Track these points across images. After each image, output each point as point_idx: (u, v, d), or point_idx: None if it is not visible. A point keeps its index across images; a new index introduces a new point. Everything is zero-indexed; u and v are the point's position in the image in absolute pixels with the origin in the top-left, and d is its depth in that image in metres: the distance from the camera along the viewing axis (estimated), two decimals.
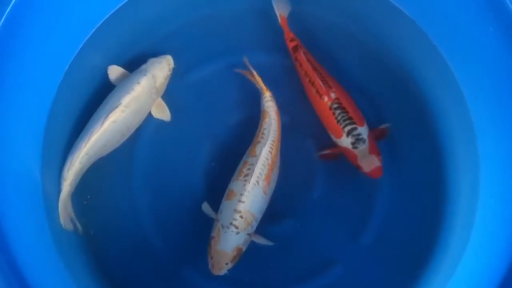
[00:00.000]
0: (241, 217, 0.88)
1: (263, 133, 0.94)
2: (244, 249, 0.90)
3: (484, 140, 0.91)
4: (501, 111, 0.89)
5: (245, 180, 0.90)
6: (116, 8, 0.98)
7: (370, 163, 0.94)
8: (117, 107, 0.91)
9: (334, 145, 0.99)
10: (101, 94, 0.97)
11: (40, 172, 0.91)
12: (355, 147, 0.94)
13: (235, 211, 0.88)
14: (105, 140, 0.92)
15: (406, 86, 1.00)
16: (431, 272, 0.94)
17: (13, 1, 0.84)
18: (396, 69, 1.01)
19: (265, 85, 0.98)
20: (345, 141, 0.95)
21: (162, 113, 1.00)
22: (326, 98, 0.96)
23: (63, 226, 0.91)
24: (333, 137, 0.97)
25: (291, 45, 1.00)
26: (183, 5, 1.03)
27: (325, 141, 1.00)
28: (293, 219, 1.01)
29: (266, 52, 1.05)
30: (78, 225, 0.94)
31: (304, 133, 1.03)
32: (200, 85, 1.05)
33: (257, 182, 0.90)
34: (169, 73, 0.99)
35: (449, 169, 0.97)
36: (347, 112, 0.94)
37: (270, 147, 0.93)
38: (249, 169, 0.91)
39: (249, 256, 0.93)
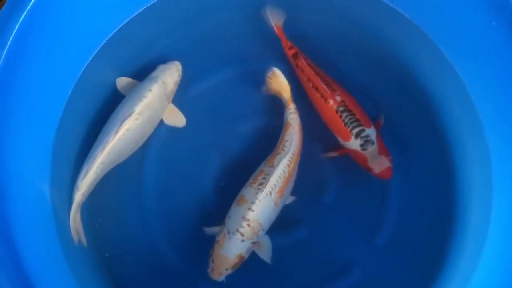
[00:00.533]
0: (249, 225, 0.88)
1: (284, 145, 0.93)
2: (246, 257, 0.90)
3: (493, 134, 0.91)
4: (508, 104, 0.88)
5: (258, 189, 0.89)
6: (122, 25, 0.98)
7: (380, 164, 0.93)
8: (130, 115, 0.91)
9: (340, 147, 0.98)
10: (110, 106, 0.97)
11: (49, 186, 0.91)
12: (364, 149, 0.93)
13: (244, 218, 0.88)
14: (119, 148, 0.91)
15: (410, 86, 0.99)
16: (449, 271, 0.93)
17: (25, 12, 0.84)
18: (399, 70, 0.99)
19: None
20: (354, 144, 0.94)
21: (176, 118, 1.00)
22: (331, 102, 0.95)
23: (74, 239, 0.91)
24: (340, 140, 0.96)
25: (290, 53, 0.99)
26: (186, 16, 1.03)
27: (332, 144, 0.99)
28: (307, 225, 1.00)
29: (271, 60, 1.03)
30: (84, 239, 0.93)
31: (311, 138, 1.01)
32: (204, 97, 1.04)
33: (270, 193, 0.89)
34: (178, 79, 0.99)
35: (459, 166, 0.95)
36: (354, 114, 0.94)
37: (289, 160, 0.91)
38: (264, 178, 0.90)
39: (264, 264, 0.92)
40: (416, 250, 0.97)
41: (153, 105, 0.94)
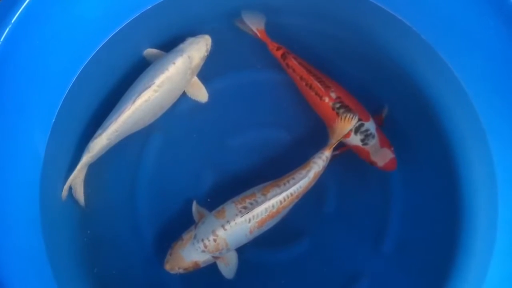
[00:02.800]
0: (215, 240, 0.86)
1: (288, 181, 0.88)
2: (201, 266, 0.89)
3: (493, 134, 0.90)
4: (507, 103, 0.87)
5: (239, 211, 0.86)
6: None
7: (383, 157, 0.92)
8: (150, 86, 0.89)
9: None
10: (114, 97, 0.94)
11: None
12: (365, 144, 0.92)
13: (213, 232, 0.86)
14: (136, 118, 0.90)
15: (408, 89, 0.98)
16: (459, 276, 0.90)
17: None
18: (396, 72, 0.98)
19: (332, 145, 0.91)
20: (355, 139, 0.92)
21: (198, 92, 0.98)
22: (327, 99, 0.93)
23: (62, 194, 0.90)
24: None
25: (278, 54, 0.97)
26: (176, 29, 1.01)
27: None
28: (309, 237, 0.96)
29: (265, 71, 1.02)
30: (82, 200, 0.92)
31: (308, 149, 0.97)
32: (194, 110, 1.01)
33: (249, 220, 0.86)
34: (206, 54, 0.96)
35: (462, 168, 0.94)
36: (350, 109, 0.92)
37: (284, 198, 0.87)
38: (251, 203, 0.86)
39: (268, 279, 0.90)
40: (424, 256, 0.94)
41: (174, 79, 0.92)
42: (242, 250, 0.93)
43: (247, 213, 0.85)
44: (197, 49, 0.95)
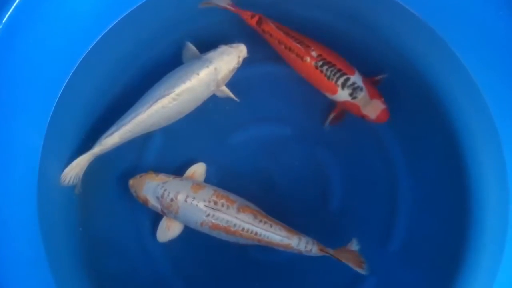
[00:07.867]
0: (171, 200, 0.88)
1: (265, 222, 0.86)
2: (148, 206, 0.91)
3: (504, 129, 0.87)
4: None
5: (209, 201, 0.87)
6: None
7: (374, 109, 0.90)
8: (168, 94, 0.87)
9: (334, 106, 0.94)
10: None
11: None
12: (354, 97, 0.90)
13: (176, 193, 0.88)
14: (151, 121, 0.89)
15: (416, 82, 0.95)
16: (468, 274, 0.89)
17: None
18: (403, 65, 0.95)
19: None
20: (343, 95, 0.90)
21: (225, 96, 0.95)
22: (308, 59, 0.90)
23: (61, 178, 0.89)
24: (329, 95, 0.92)
25: (253, 22, 0.93)
26: (174, 22, 0.97)
27: (329, 143, 0.97)
28: (314, 234, 0.92)
29: (259, 64, 0.99)
30: (79, 186, 0.91)
31: (310, 143, 0.98)
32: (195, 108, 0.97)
33: (208, 214, 0.86)
34: (236, 66, 0.92)
35: (471, 165, 0.92)
36: (334, 65, 0.90)
37: (247, 229, 0.86)
38: (222, 205, 0.86)
39: (275, 278, 0.90)
40: (432, 253, 0.93)
41: (196, 89, 0.89)
42: (246, 249, 0.93)
43: (211, 208, 0.85)
44: (227, 61, 0.90)
